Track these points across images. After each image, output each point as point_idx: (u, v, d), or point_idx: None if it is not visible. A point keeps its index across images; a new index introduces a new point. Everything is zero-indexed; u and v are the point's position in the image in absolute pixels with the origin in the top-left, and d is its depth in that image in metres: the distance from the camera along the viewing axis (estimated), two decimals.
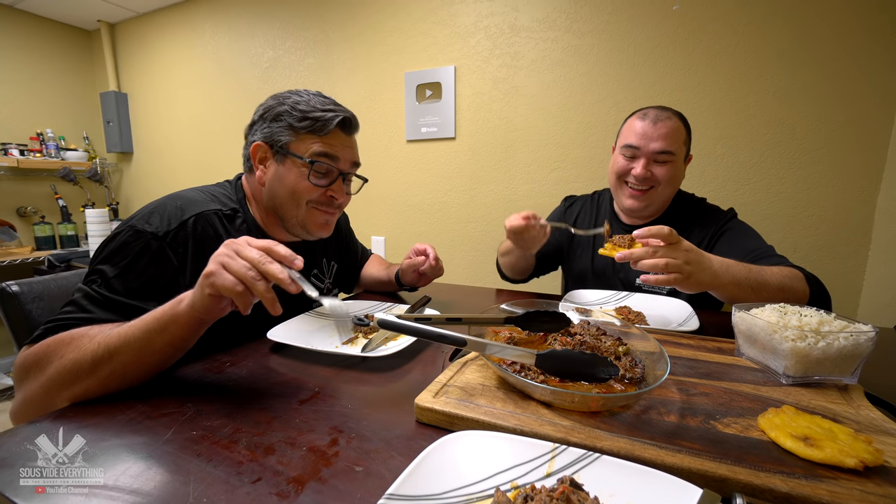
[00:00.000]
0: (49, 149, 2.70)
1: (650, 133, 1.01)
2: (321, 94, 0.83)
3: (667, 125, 1.01)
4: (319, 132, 0.78)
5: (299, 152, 0.78)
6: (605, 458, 0.38)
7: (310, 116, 0.77)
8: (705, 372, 0.59)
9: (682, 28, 1.46)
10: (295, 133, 0.78)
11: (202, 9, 2.47)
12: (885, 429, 0.45)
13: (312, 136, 0.78)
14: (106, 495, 0.38)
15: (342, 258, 1.11)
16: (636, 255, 0.73)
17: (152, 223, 0.70)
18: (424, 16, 1.88)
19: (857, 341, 0.53)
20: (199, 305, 0.54)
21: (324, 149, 0.79)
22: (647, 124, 1.02)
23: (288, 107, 0.78)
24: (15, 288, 0.87)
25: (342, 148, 0.81)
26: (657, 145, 1.00)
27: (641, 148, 1.02)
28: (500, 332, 0.67)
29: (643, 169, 1.01)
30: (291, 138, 0.78)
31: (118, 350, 0.55)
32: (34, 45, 2.70)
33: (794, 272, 0.83)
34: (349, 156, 0.83)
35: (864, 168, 1.30)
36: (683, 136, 1.03)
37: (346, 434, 0.46)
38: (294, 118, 0.78)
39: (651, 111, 1.04)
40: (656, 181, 1.02)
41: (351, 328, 0.79)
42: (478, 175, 1.88)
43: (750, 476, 0.37)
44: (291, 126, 0.78)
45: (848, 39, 1.27)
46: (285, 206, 0.81)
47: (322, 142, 0.79)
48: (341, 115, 0.79)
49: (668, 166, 1.02)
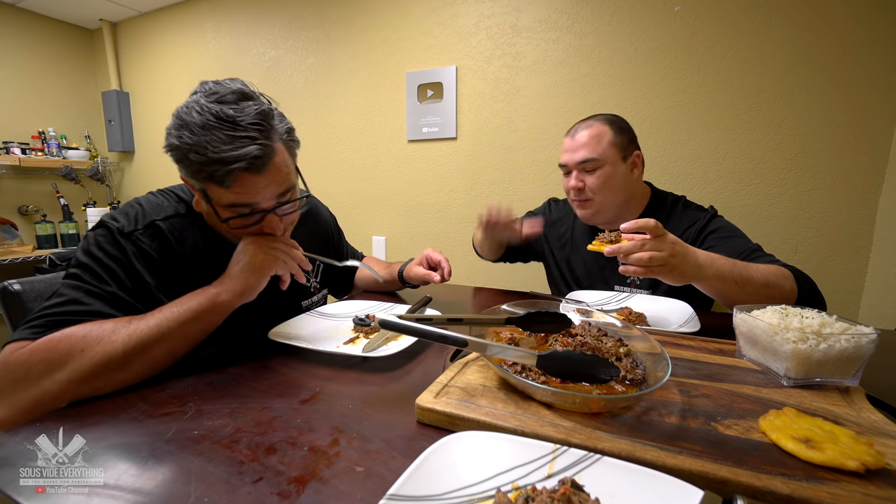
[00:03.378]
0: (51, 147, 2.70)
1: (571, 146, 1.06)
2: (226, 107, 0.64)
3: (586, 134, 1.04)
4: (223, 185, 0.65)
5: (213, 199, 0.68)
6: (606, 459, 0.37)
7: (205, 170, 0.64)
8: (706, 373, 0.59)
9: (684, 29, 1.45)
10: (201, 182, 0.67)
11: (204, 8, 2.47)
12: (887, 431, 0.44)
13: (218, 188, 0.66)
14: (106, 495, 0.38)
15: (329, 258, 1.11)
16: (624, 249, 0.74)
17: (120, 220, 0.70)
18: (426, 16, 1.88)
19: (859, 343, 0.53)
20: (242, 289, 0.67)
21: (235, 199, 0.67)
22: (569, 140, 1.08)
23: (188, 147, 0.64)
24: (17, 287, 0.87)
25: (256, 191, 0.67)
26: (578, 155, 1.04)
27: (568, 164, 1.07)
28: (500, 333, 0.66)
29: (575, 181, 1.06)
30: (200, 184, 0.68)
31: (152, 343, 0.58)
32: (36, 44, 2.70)
33: (781, 270, 0.83)
34: (269, 194, 0.69)
35: (865, 169, 1.30)
36: (609, 138, 1.03)
37: (346, 434, 0.46)
38: (193, 168, 0.65)
39: (574, 126, 1.09)
40: (591, 190, 1.05)
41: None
42: (479, 175, 1.88)
43: (751, 478, 0.37)
44: (195, 174, 0.66)
45: (850, 41, 1.27)
46: (228, 237, 0.77)
47: (231, 193, 0.66)
48: (242, 163, 0.63)
49: (597, 173, 1.03)
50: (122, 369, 0.57)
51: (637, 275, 0.75)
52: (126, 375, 0.57)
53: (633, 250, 0.74)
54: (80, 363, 0.55)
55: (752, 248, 0.94)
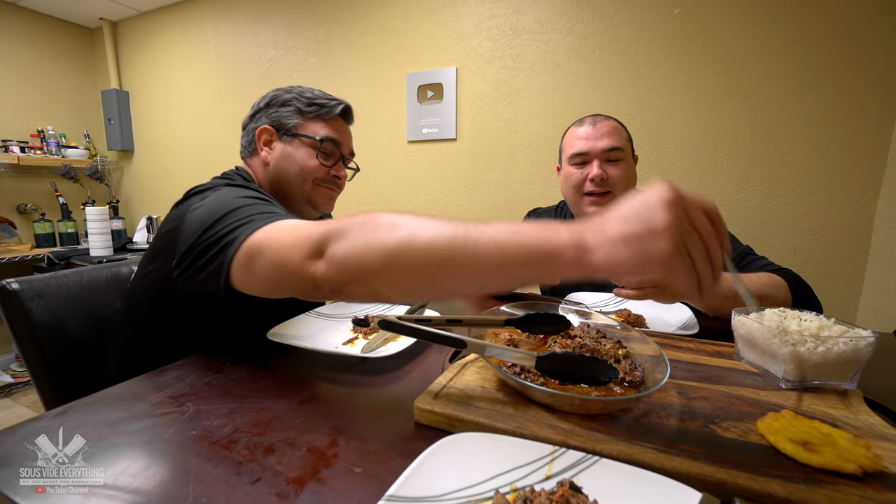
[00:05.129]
0: (50, 146, 2.70)
1: (593, 134, 0.99)
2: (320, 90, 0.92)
3: (607, 124, 1.00)
4: (325, 116, 0.88)
5: (309, 132, 0.87)
6: (605, 461, 0.38)
7: (316, 102, 0.87)
8: (705, 375, 0.59)
9: (684, 31, 1.46)
10: (302, 116, 0.87)
11: (204, 7, 2.47)
12: (885, 434, 0.45)
13: (318, 121, 0.87)
14: (106, 495, 0.38)
15: None
16: None
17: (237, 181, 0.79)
18: (426, 17, 1.88)
19: (857, 346, 0.53)
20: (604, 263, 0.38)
21: (329, 132, 0.87)
22: (588, 128, 1.01)
23: (295, 94, 0.87)
24: (15, 286, 0.86)
25: (343, 134, 0.91)
26: (605, 143, 0.98)
27: (590, 151, 0.99)
28: (499, 334, 0.67)
29: (598, 169, 0.98)
30: (299, 121, 0.87)
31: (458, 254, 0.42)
32: (36, 43, 2.70)
33: (775, 279, 0.82)
34: (348, 142, 0.93)
35: (864, 173, 1.30)
36: (626, 135, 1.02)
37: (345, 435, 0.46)
38: (302, 103, 0.87)
39: (587, 118, 1.04)
40: (613, 183, 0.99)
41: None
42: (479, 177, 1.89)
43: (749, 480, 0.37)
44: (299, 110, 0.87)
45: (849, 44, 1.28)
46: (292, 182, 0.87)
47: (328, 126, 0.88)
48: (344, 104, 0.90)
49: (621, 165, 0.99)
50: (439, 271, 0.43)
51: (632, 298, 0.74)
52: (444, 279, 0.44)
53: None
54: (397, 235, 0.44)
55: (743, 253, 0.93)
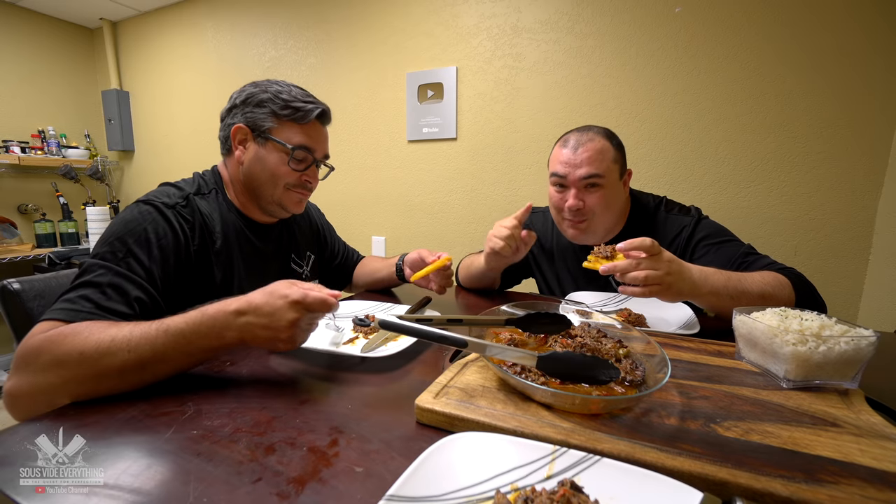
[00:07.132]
0: (50, 146, 2.70)
1: (573, 160, 0.97)
2: (298, 86, 0.89)
3: (588, 148, 0.96)
4: (300, 121, 0.85)
5: (281, 138, 0.84)
6: (606, 460, 0.38)
7: (291, 106, 0.84)
8: (706, 375, 0.59)
9: (685, 31, 1.46)
10: (277, 120, 0.84)
11: (204, 8, 2.47)
12: (886, 434, 0.45)
13: (293, 126, 0.85)
14: (106, 494, 0.38)
15: (318, 250, 1.14)
16: (620, 268, 0.73)
17: (159, 197, 0.77)
18: (426, 16, 1.88)
19: (858, 346, 0.53)
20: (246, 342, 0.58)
21: (302, 139, 0.86)
22: (569, 152, 0.98)
23: (271, 94, 0.84)
24: (16, 286, 0.86)
25: (317, 139, 0.89)
26: (583, 171, 0.96)
27: (568, 177, 0.97)
28: (500, 334, 0.66)
29: (575, 199, 0.97)
30: (273, 124, 0.84)
31: (150, 362, 0.55)
32: (36, 43, 2.70)
33: (778, 279, 0.82)
34: (323, 147, 0.91)
35: (865, 172, 1.30)
36: (611, 155, 0.97)
37: (346, 434, 0.46)
38: (277, 106, 0.83)
39: (572, 136, 0.99)
40: (590, 211, 0.98)
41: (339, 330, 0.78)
42: (479, 176, 1.88)
43: (750, 480, 0.37)
44: (274, 113, 0.84)
45: (850, 43, 1.27)
46: (264, 186, 0.87)
47: (302, 132, 0.86)
48: (320, 108, 0.87)
49: (599, 192, 0.97)
50: (120, 380, 0.54)
51: (636, 295, 0.74)
52: (122, 384, 0.55)
53: (628, 269, 0.73)
54: (76, 372, 0.53)
55: (745, 252, 0.93)
